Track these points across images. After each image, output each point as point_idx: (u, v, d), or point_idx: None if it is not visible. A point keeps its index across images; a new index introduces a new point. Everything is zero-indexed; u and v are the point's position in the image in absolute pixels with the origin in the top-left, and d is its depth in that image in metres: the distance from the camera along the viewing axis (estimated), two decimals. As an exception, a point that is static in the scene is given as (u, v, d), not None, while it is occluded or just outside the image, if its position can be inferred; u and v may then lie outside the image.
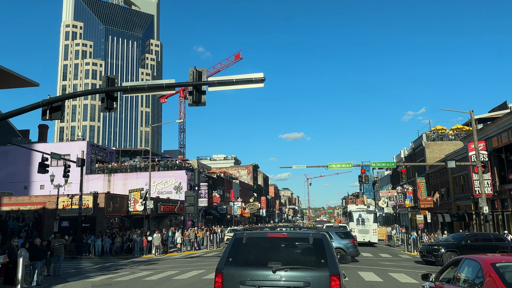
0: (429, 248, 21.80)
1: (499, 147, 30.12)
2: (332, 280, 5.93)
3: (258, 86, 12.53)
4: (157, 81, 13.67)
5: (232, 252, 6.56)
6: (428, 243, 24.42)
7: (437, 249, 21.04)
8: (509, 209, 29.58)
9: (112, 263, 24.27)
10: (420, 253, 22.96)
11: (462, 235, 23.54)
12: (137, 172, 48.74)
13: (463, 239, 21.70)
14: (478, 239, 22.27)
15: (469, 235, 23.07)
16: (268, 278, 6.06)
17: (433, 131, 55.30)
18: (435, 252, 20.99)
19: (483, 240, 22.25)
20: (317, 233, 6.81)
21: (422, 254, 22.40)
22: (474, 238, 22.31)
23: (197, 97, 12.49)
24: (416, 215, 43.45)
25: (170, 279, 16.45)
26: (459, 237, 22.53)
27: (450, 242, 21.83)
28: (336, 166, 31.01)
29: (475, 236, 22.91)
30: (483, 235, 23.82)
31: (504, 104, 45.27)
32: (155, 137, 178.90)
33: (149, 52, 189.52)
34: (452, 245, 21.27)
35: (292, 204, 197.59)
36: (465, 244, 21.15)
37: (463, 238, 22.03)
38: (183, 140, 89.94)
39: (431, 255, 21.20)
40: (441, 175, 46.27)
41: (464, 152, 35.67)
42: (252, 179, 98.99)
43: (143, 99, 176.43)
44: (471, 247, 21.01)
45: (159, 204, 39.61)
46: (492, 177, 30.54)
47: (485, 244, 21.63)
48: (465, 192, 38.16)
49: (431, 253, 21.24)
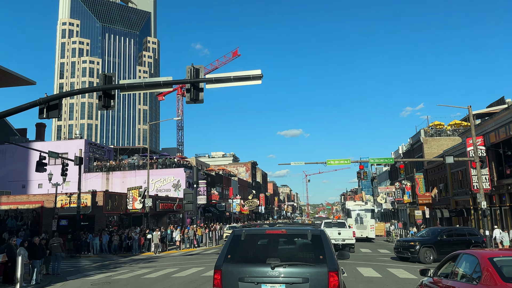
0: (405, 244, 21.28)
1: (497, 142, 30.19)
2: (330, 276, 5.94)
3: (255, 83, 12.50)
4: (154, 79, 13.64)
5: (231, 249, 6.57)
6: (403, 239, 23.70)
7: (413, 245, 20.58)
8: (507, 204, 29.69)
9: (111, 261, 24.28)
10: (396, 249, 22.24)
11: (437, 230, 23.16)
12: (136, 170, 48.69)
13: (439, 235, 21.46)
14: (453, 234, 22.11)
15: (444, 230, 22.79)
16: (267, 275, 6.07)
17: (431, 127, 55.37)
18: (412, 249, 20.55)
19: (457, 235, 22.12)
20: (315, 229, 6.82)
21: (398, 250, 21.81)
22: (449, 233, 22.11)
23: (195, 95, 12.47)
24: (414, 211, 43.59)
25: (169, 276, 16.48)
26: (434, 233, 22.18)
27: (426, 238, 21.46)
28: (334, 163, 30.98)
29: (449, 231, 22.68)
30: (458, 230, 23.66)
31: (502, 99, 45.32)
32: (153, 135, 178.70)
33: (146, 49, 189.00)
34: (428, 241, 20.93)
35: (290, 200, 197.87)
36: (440, 240, 20.97)
37: (439, 233, 21.75)
38: (181, 137, 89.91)
39: (407, 251, 20.78)
40: (439, 170, 46.37)
41: (462, 148, 35.74)
42: (251, 176, 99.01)
43: (141, 97, 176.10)
44: (446, 242, 20.95)
45: (158, 202, 39.62)
46: (490, 172, 30.62)
47: (460, 239, 21.58)
48: (463, 187, 38.27)
49: (408, 250, 20.81)
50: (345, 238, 26.48)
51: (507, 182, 29.13)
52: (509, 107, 27.75)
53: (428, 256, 20.26)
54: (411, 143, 60.01)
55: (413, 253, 20.41)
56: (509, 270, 5.83)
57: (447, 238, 21.33)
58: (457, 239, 21.44)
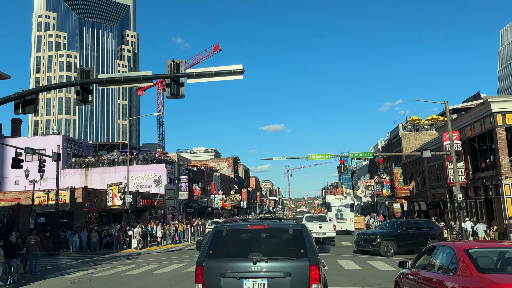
0: (366, 238, 21.07)
1: (472, 137, 30.97)
2: (311, 270, 6.01)
3: (237, 78, 12.47)
4: (134, 73, 13.44)
5: (213, 244, 6.57)
6: (363, 232, 23.33)
7: (374, 239, 20.40)
8: (482, 196, 30.54)
9: (91, 259, 23.97)
10: (356, 243, 21.94)
11: (396, 222, 23.02)
12: (115, 166, 48.03)
13: (399, 227, 21.35)
14: (412, 227, 22.06)
15: (403, 222, 22.61)
16: (248, 270, 6.10)
17: (409, 122, 56.38)
18: (373, 242, 20.35)
19: (416, 227, 22.05)
20: (296, 224, 6.87)
21: (359, 244, 21.55)
22: (408, 225, 22.01)
23: (176, 89, 12.35)
24: (393, 204, 44.44)
25: (151, 273, 16.37)
26: (394, 225, 22.06)
27: (387, 231, 21.32)
28: (315, 157, 31.23)
29: (408, 223, 22.58)
30: (416, 222, 23.59)
31: (477, 94, 46.46)
32: (133, 130, 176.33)
33: (125, 43, 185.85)
34: (388, 234, 20.77)
35: (273, 195, 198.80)
36: (401, 232, 20.92)
37: (399, 226, 21.63)
38: (162, 133, 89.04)
39: (369, 244, 20.58)
40: (417, 164, 47.30)
41: (439, 142, 36.51)
42: (233, 171, 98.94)
43: (120, 92, 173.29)
44: (406, 234, 20.95)
45: (138, 198, 39.22)
46: (466, 166, 31.40)
47: (419, 231, 21.58)
48: (440, 180, 39.16)
49: (369, 243, 20.60)
50: (326, 232, 26.79)
51: (482, 175, 29.95)
52: (484, 103, 28.48)
53: (389, 249, 20.15)
54: (390, 137, 61.00)
55: (374, 246, 20.26)
56: (484, 261, 6.02)
57: (407, 231, 21.31)
58: (416, 232, 21.52)
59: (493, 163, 28.47)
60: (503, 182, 26.45)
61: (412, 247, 20.80)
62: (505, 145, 26.83)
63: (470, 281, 5.52)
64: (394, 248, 20.29)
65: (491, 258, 6.22)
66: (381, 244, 20.07)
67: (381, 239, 20.23)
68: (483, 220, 29.06)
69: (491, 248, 6.65)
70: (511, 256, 6.25)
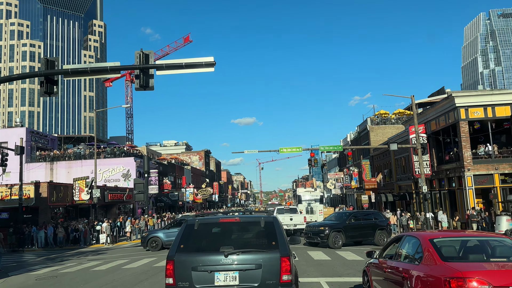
0: (315, 230, 20.79)
1: (437, 130, 32.05)
2: (282, 261, 6.08)
3: (208, 70, 12.35)
4: (101, 64, 13.07)
5: (184, 238, 6.52)
6: (312, 224, 22.84)
7: (323, 230, 20.12)
8: (446, 188, 31.72)
9: (57, 255, 23.32)
10: (305, 235, 21.69)
11: (345, 214, 22.99)
12: (82, 160, 46.76)
13: (347, 219, 21.22)
14: (360, 218, 21.94)
15: (351, 214, 22.60)
16: (220, 263, 6.10)
17: (377, 115, 57.67)
18: (322, 234, 20.11)
19: (365, 218, 21.94)
20: (268, 216, 6.92)
21: (308, 236, 21.31)
22: (356, 217, 21.92)
23: (144, 81, 12.11)
24: (361, 196, 45.45)
25: (120, 268, 16.10)
26: (343, 217, 21.89)
27: (335, 222, 21.03)
28: (287, 150, 31.47)
29: (356, 215, 22.52)
30: (364, 213, 23.65)
31: (442, 89, 48.02)
32: (101, 123, 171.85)
33: (92, 33, 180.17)
34: (337, 225, 20.54)
35: (244, 188, 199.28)
36: (349, 224, 20.78)
37: (347, 217, 21.52)
38: (131, 125, 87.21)
39: (318, 236, 20.34)
40: (384, 157, 48.53)
41: (405, 135, 37.55)
42: (204, 164, 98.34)
43: (86, 83, 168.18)
44: (355, 225, 20.87)
45: (106, 192, 38.39)
46: (431, 159, 32.48)
47: (367, 222, 21.50)
48: (406, 173, 40.36)
49: (318, 235, 20.37)
50: (297, 224, 27.12)
51: (446, 168, 31.08)
52: (449, 97, 29.47)
53: (337, 241, 19.87)
54: (359, 131, 62.23)
55: (323, 238, 20.03)
56: (448, 250, 6.26)
57: (355, 222, 21.21)
58: (364, 223, 21.41)
59: (456, 156, 29.56)
60: (465, 174, 27.54)
61: (360, 238, 20.99)
62: (468, 138, 27.92)
63: (434, 269, 5.73)
64: (342, 239, 20.05)
65: (454, 247, 6.48)
66: (329, 236, 19.77)
67: (330, 230, 19.91)
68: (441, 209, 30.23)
69: (454, 238, 6.91)
70: (472, 244, 6.53)
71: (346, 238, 20.28)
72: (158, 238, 22.50)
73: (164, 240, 22.33)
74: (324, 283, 10.96)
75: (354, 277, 11.58)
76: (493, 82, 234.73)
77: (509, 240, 6.45)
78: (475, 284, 5.16)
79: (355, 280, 11.08)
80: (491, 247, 6.31)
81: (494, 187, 27.22)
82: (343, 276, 12.09)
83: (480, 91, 34.70)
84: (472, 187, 27.40)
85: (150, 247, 22.28)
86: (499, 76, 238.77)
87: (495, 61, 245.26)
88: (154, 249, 22.07)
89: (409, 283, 6.18)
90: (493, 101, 28.09)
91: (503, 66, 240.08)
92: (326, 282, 11.15)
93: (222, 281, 6.07)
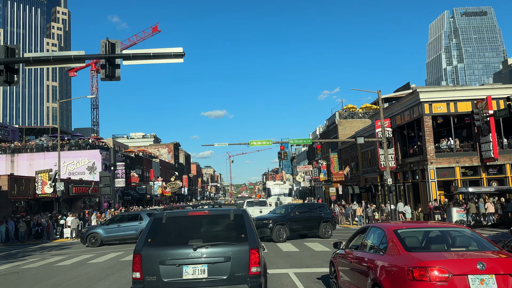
0: (259, 223, 19.82)
1: (402, 124, 33.00)
2: (251, 253, 6.10)
3: (177, 61, 12.14)
4: (64, 53, 12.60)
5: (151, 232, 6.42)
6: (257, 217, 21.64)
7: (267, 224, 19.53)
8: (409, 180, 32.78)
9: (18, 250, 22.49)
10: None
11: (290, 206, 22.53)
12: (45, 152, 45.17)
13: (292, 211, 20.77)
14: (305, 210, 21.50)
15: (296, 206, 22.20)
16: (188, 256, 6.06)
17: (345, 110, 58.73)
18: (266, 227, 19.45)
19: (310, 211, 21.55)
20: (238, 209, 6.91)
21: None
22: (301, 209, 21.51)
23: (110, 71, 11.77)
24: (329, 188, 46.29)
25: (85, 263, 15.72)
26: (288, 210, 21.42)
27: (280, 216, 20.53)
28: (257, 143, 31.58)
29: (301, 207, 22.13)
30: (309, 206, 23.40)
31: (407, 84, 49.43)
32: (64, 114, 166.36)
33: (55, 20, 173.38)
34: (281, 218, 20.00)
35: (214, 181, 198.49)
36: (293, 216, 20.33)
37: (292, 210, 21.06)
38: (96, 117, 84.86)
39: (263, 230, 19.45)
40: (351, 150, 49.55)
41: (372, 129, 38.46)
42: (173, 157, 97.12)
43: (50, 72, 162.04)
44: (299, 218, 20.50)
45: (71, 185, 37.30)
46: (396, 152, 33.45)
47: (312, 215, 21.10)
48: (372, 165, 41.40)
49: (263, 228, 19.50)
50: None
51: (410, 161, 32.08)
52: (413, 92, 30.35)
53: (281, 235, 19.28)
54: (327, 124, 63.19)
55: (266, 233, 19.33)
56: (411, 241, 6.47)
57: (300, 214, 20.84)
58: (309, 216, 21.02)
59: (420, 149, 30.56)
60: (428, 167, 28.53)
61: (305, 231, 20.57)
62: (431, 133, 28.90)
63: (398, 259, 5.91)
64: (287, 233, 19.52)
65: (417, 237, 6.70)
66: (273, 229, 19.21)
67: (274, 224, 19.38)
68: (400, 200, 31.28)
69: (417, 228, 7.15)
70: (434, 235, 6.77)
71: (290, 231, 19.69)
72: (97, 234, 22.10)
73: (104, 236, 21.96)
74: (293, 274, 11.10)
75: (322, 268, 11.79)
76: (456, 79, 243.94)
77: (468, 230, 6.73)
78: (436, 273, 5.36)
79: (322, 271, 11.29)
80: (452, 237, 6.56)
81: (455, 179, 28.37)
82: (311, 267, 12.29)
83: (444, 87, 35.96)
84: (435, 180, 28.44)
85: (89, 243, 21.89)
86: (461, 72, 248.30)
87: (458, 58, 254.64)
88: (93, 245, 21.70)
89: (374, 272, 6.34)
90: (455, 96, 29.17)
91: (465, 63, 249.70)
92: (295, 273, 11.30)
93: (191, 274, 6.03)
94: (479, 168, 28.58)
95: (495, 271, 5.40)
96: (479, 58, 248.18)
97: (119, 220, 22.70)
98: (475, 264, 5.42)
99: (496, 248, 6.06)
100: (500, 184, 27.63)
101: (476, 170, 28.73)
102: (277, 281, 10.30)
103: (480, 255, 5.80)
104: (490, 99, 27.20)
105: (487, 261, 5.49)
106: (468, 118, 29.13)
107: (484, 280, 5.36)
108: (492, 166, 28.48)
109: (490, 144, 27.18)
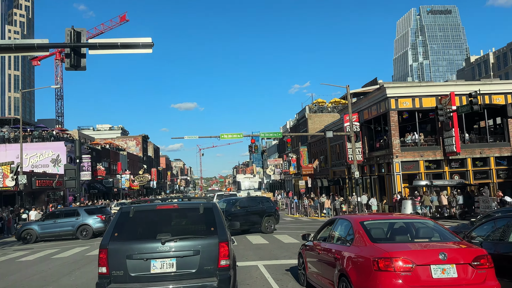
0: None
1: (369, 119, 33.73)
2: (221, 246, 6.10)
3: (146, 52, 11.89)
4: (27, 41, 12.09)
5: (118, 226, 6.29)
6: None
7: None
8: (376, 173, 33.62)
9: (-23, 246, 21.56)
10: None
11: (232, 200, 22.05)
12: (6, 144, 43.33)
13: (232, 206, 20.36)
14: (247, 205, 20.83)
15: (237, 200, 21.69)
16: (156, 250, 5.98)
17: (315, 104, 59.44)
18: None
19: (252, 205, 20.93)
20: (207, 203, 6.88)
21: None
22: (243, 204, 20.94)
23: (76, 61, 11.39)
24: (298, 181, 46.88)
25: (50, 258, 15.28)
26: (228, 204, 21.03)
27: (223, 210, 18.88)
28: (227, 137, 31.46)
29: (243, 201, 21.54)
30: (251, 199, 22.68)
31: (375, 80, 50.41)
32: (27, 104, 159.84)
33: (17, 7, 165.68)
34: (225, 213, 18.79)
35: (184, 175, 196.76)
36: (234, 211, 19.86)
37: (233, 204, 20.64)
38: (61, 108, 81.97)
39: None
40: (320, 144, 50.26)
41: (340, 123, 39.10)
42: (142, 150, 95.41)
43: (11, 61, 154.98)
44: (240, 213, 19.96)
45: (34, 178, 35.99)
46: (363, 146, 34.20)
47: (254, 209, 20.56)
48: (340, 159, 42.17)
49: None
50: None
51: (376, 154, 32.88)
52: (380, 88, 31.04)
53: None
54: (298, 118, 63.78)
55: None
56: (377, 232, 6.64)
57: (241, 210, 20.20)
58: (251, 210, 20.36)
59: (386, 143, 31.35)
60: (394, 161, 29.33)
61: (246, 226, 19.71)
62: (397, 127, 29.68)
63: (364, 250, 6.06)
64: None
65: (382, 229, 6.89)
66: None
67: None
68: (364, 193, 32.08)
69: (382, 220, 7.34)
70: (398, 226, 6.98)
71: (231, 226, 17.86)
72: (32, 230, 21.66)
73: (39, 232, 21.58)
74: (262, 266, 11.19)
75: (290, 259, 11.95)
76: (421, 75, 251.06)
77: (431, 222, 6.97)
78: (400, 264, 5.53)
79: (291, 262, 11.44)
80: (416, 228, 6.79)
81: (419, 173, 29.30)
82: (280, 259, 12.43)
83: (409, 83, 36.98)
84: (400, 173, 29.27)
85: (23, 240, 21.41)
86: (426, 69, 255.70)
87: (423, 55, 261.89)
88: (28, 242, 21.24)
89: (341, 263, 6.48)
90: (420, 92, 30.04)
91: (431, 60, 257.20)
92: (264, 265, 11.40)
93: (159, 268, 5.97)
94: (442, 162, 29.62)
95: (455, 261, 5.63)
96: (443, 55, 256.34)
97: (56, 216, 22.32)
98: (437, 255, 5.63)
99: (457, 239, 6.31)
100: (462, 177, 28.78)
101: (439, 164, 29.76)
102: (247, 273, 10.35)
103: (442, 245, 6.03)
104: (453, 95, 28.17)
105: (449, 251, 5.71)
106: (432, 114, 30.08)
107: (446, 269, 5.58)
108: (454, 160, 29.56)
109: (453, 138, 28.20)
